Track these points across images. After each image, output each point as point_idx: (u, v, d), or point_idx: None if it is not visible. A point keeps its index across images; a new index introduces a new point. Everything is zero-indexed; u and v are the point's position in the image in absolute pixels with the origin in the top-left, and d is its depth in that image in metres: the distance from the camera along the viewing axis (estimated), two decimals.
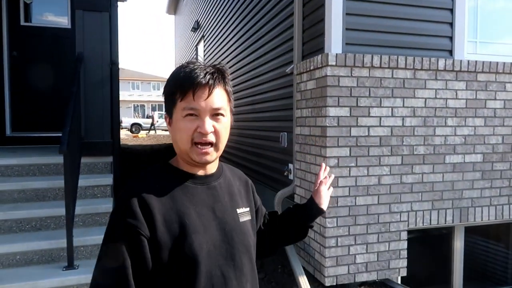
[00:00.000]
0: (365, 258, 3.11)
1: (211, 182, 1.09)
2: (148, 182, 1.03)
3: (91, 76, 4.09)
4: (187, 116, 1.01)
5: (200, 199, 1.04)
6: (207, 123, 1.01)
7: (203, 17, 9.33)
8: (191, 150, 1.02)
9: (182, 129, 1.02)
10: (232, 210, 1.11)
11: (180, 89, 1.01)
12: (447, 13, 3.33)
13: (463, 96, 3.32)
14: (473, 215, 3.38)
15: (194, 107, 1.00)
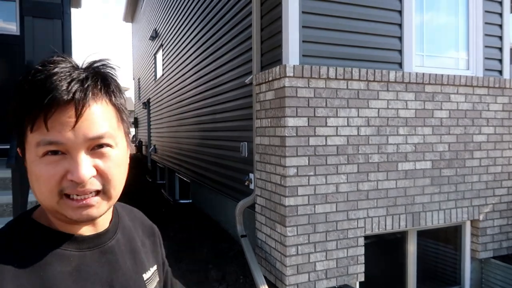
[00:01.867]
0: (324, 265, 3.18)
1: (105, 243, 0.73)
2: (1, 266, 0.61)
3: None
4: (45, 155, 0.63)
5: (89, 274, 0.68)
6: (82, 165, 0.63)
7: (162, 26, 9.23)
8: (60, 206, 0.64)
9: (39, 177, 0.63)
10: (138, 278, 0.77)
11: (27, 112, 0.62)
12: (397, 28, 3.52)
13: (413, 106, 3.51)
14: (424, 220, 3.56)
15: (53, 140, 0.62)
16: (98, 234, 0.73)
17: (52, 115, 0.61)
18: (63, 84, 0.61)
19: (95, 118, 0.65)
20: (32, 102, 0.61)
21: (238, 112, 4.38)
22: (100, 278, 0.69)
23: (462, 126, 3.72)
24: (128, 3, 14.98)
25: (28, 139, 0.64)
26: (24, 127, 0.64)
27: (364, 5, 3.37)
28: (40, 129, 0.62)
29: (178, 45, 7.41)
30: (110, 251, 0.73)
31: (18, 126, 0.65)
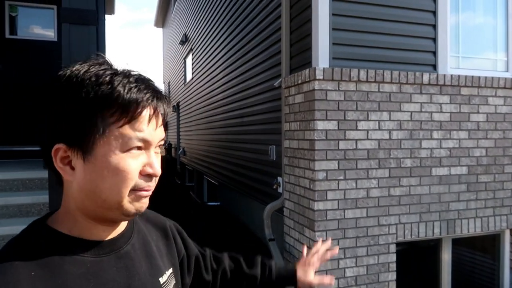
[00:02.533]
0: (354, 272, 3.11)
1: (122, 248, 0.73)
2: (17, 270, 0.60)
3: None
4: (131, 150, 0.65)
5: (107, 279, 0.68)
6: (158, 161, 0.70)
7: (192, 30, 9.38)
8: (127, 200, 0.67)
9: (121, 171, 0.64)
10: (154, 282, 0.77)
11: (124, 107, 0.64)
12: (430, 29, 3.41)
13: (447, 109, 3.39)
14: (460, 227, 3.42)
15: (147, 138, 0.66)
16: (114, 239, 0.73)
17: (154, 114, 0.67)
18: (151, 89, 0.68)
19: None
20: (136, 97, 0.65)
21: (266, 115, 4.38)
22: (118, 283, 0.69)
23: (501, 130, 3.56)
24: (159, 8, 15.34)
25: (111, 131, 0.64)
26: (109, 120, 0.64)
27: (395, 6, 3.30)
28: (136, 123, 0.65)
29: (208, 49, 7.50)
30: (126, 255, 0.73)
31: (94, 117, 0.64)
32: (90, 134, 0.64)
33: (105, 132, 0.64)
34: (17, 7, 5.59)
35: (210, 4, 7.27)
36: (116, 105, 0.64)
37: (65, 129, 0.65)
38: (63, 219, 0.70)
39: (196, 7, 8.69)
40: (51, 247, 0.65)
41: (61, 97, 0.66)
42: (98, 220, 0.70)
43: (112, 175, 0.64)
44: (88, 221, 0.69)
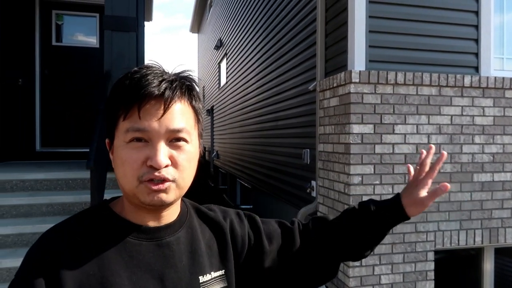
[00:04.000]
0: (390, 279, 3.03)
1: (164, 237, 0.77)
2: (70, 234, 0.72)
3: None
4: (131, 141, 0.71)
5: (142, 262, 0.73)
6: (161, 153, 0.71)
7: (226, 35, 9.51)
8: (138, 189, 0.71)
9: (124, 161, 0.71)
10: (192, 279, 0.78)
11: (124, 103, 0.71)
12: (472, 30, 3.30)
13: (491, 113, 3.25)
14: (504, 236, 3.26)
15: (141, 127, 0.70)
16: (158, 228, 0.77)
17: (144, 106, 0.71)
18: (155, 82, 0.72)
19: (177, 113, 0.73)
20: (129, 94, 0.72)
21: (300, 119, 4.37)
22: (151, 269, 0.74)
23: None
24: (195, 14, 15.67)
25: (119, 127, 0.73)
26: (118, 116, 0.73)
27: (435, 7, 3.21)
28: (131, 117, 0.71)
29: (242, 53, 7.58)
30: (167, 246, 0.77)
31: (111, 116, 0.75)
32: (112, 130, 0.75)
33: (117, 127, 0.74)
34: (63, 15, 5.89)
35: (244, 9, 7.35)
36: (117, 102, 0.74)
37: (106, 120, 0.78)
38: (119, 201, 0.80)
39: (231, 12, 8.81)
40: (102, 223, 0.76)
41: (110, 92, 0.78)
42: (135, 206, 0.76)
43: (121, 164, 0.73)
44: (130, 205, 0.77)
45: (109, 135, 0.77)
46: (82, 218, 0.76)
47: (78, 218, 0.77)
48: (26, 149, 5.44)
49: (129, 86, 0.72)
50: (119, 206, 0.79)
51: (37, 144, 5.58)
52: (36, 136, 5.57)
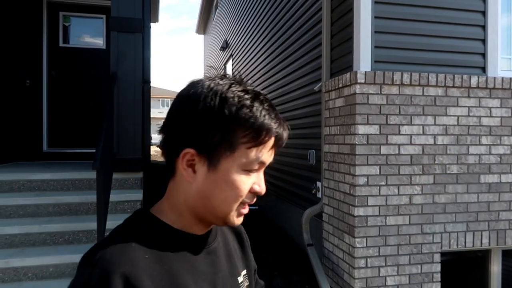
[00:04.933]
0: (396, 281, 3.02)
1: (211, 244, 0.79)
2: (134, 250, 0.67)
3: (124, 95, 4.23)
4: (250, 171, 0.72)
5: (200, 271, 0.73)
6: (263, 181, 0.75)
7: (232, 37, 9.53)
8: (233, 213, 0.73)
9: (236, 186, 0.71)
10: (233, 280, 0.81)
11: (262, 135, 0.70)
12: (479, 30, 3.27)
13: (498, 113, 3.22)
14: (511, 238, 3.23)
15: (265, 162, 0.73)
16: (205, 235, 0.78)
17: (275, 143, 0.73)
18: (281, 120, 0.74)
19: None
20: (272, 127, 0.71)
21: (306, 120, 4.36)
22: (207, 276, 0.74)
23: None
24: (201, 15, 15.72)
25: (240, 151, 0.70)
26: (242, 141, 0.69)
27: (441, 7, 3.19)
28: (259, 148, 0.71)
29: (247, 54, 7.59)
30: (213, 252, 0.78)
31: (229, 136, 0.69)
32: (221, 148, 0.69)
33: (234, 149, 0.69)
34: (70, 17, 5.94)
35: (250, 10, 7.36)
36: (250, 128, 0.69)
37: (200, 137, 0.69)
38: (167, 211, 0.75)
39: (237, 13, 8.83)
40: (158, 235, 0.72)
41: (203, 108, 0.69)
42: (200, 219, 0.75)
43: (229, 189, 0.70)
44: (192, 218, 0.75)
45: (205, 150, 0.70)
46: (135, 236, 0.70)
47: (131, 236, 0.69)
48: (33, 150, 5.49)
49: (269, 124, 0.70)
50: (170, 216, 0.75)
51: (44, 145, 5.62)
52: (43, 137, 5.62)
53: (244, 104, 0.69)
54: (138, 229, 0.71)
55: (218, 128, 0.68)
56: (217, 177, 0.70)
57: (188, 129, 0.70)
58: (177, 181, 0.74)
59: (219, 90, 0.70)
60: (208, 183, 0.71)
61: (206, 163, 0.70)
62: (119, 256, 0.64)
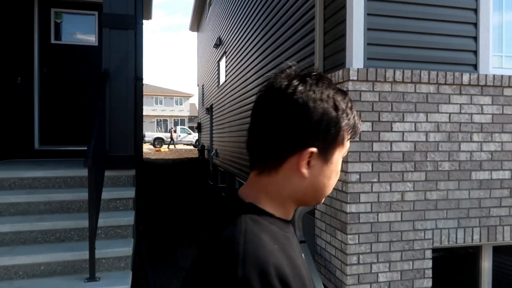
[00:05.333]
0: (388, 277, 3.03)
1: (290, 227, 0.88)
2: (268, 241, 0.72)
3: (116, 92, 4.21)
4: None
5: (298, 254, 0.80)
6: None
7: (225, 34, 9.50)
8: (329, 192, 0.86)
9: (338, 172, 0.85)
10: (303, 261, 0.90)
11: (352, 130, 0.84)
12: (471, 28, 3.29)
13: (489, 111, 3.25)
14: (502, 234, 3.26)
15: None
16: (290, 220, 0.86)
17: None
18: None
19: None
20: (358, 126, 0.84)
21: None
22: (301, 259, 0.80)
23: None
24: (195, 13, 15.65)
25: (342, 146, 0.82)
26: (344, 137, 0.81)
27: (433, 5, 3.20)
28: (348, 141, 0.83)
29: (241, 51, 7.57)
30: (293, 234, 0.85)
31: (339, 134, 0.80)
32: (335, 144, 0.81)
33: (343, 144, 0.82)
34: (62, 14, 5.88)
35: (243, 8, 7.34)
36: (351, 124, 0.82)
37: (321, 138, 0.78)
38: (271, 204, 0.81)
39: (230, 11, 8.80)
40: (273, 226, 0.77)
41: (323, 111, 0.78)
42: (299, 205, 0.85)
43: (335, 176, 0.83)
44: (293, 206, 0.84)
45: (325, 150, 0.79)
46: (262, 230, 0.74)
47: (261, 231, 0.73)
48: (25, 147, 5.44)
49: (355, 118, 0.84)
50: (272, 207, 0.80)
51: (36, 142, 5.57)
52: (35, 134, 5.57)
53: (348, 104, 0.82)
54: (261, 224, 0.75)
55: (335, 127, 0.79)
56: (330, 169, 0.81)
57: (310, 131, 0.77)
58: (281, 176, 0.80)
59: (328, 93, 0.80)
60: (322, 176, 0.80)
61: (321, 158, 0.79)
62: (263, 249, 0.69)
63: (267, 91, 0.81)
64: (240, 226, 0.72)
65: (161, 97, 46.99)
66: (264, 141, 0.80)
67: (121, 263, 3.31)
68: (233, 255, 0.67)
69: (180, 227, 6.04)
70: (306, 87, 0.78)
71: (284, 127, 0.77)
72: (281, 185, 0.80)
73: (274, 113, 0.78)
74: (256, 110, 0.83)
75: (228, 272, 0.65)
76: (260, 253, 0.67)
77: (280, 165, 0.79)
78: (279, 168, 0.79)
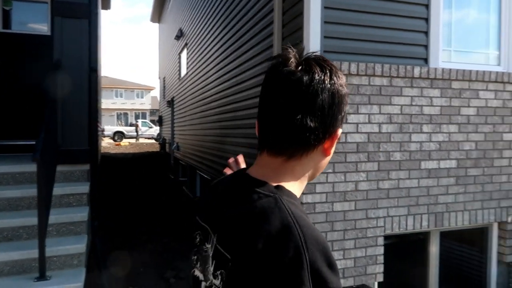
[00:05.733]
0: (342, 264, 3.12)
1: None
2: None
3: (69, 83, 4.04)
4: None
5: None
6: None
7: (187, 25, 9.34)
8: None
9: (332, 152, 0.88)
10: None
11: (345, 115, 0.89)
12: (422, 23, 3.41)
13: (438, 103, 3.39)
14: (448, 220, 3.44)
15: None
16: None
17: None
18: None
19: None
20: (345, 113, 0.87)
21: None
22: None
23: (491, 124, 3.58)
24: (156, 3, 15.26)
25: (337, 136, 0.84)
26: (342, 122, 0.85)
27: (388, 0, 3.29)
28: None
29: (202, 43, 7.47)
30: None
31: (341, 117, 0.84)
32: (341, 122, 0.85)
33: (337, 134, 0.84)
34: (11, 1, 5.55)
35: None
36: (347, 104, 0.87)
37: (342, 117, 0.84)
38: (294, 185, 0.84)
39: (192, 1, 8.65)
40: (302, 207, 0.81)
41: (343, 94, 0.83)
42: None
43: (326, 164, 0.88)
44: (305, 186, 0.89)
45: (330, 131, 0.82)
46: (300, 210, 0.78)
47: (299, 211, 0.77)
48: None
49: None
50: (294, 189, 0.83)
51: None
52: None
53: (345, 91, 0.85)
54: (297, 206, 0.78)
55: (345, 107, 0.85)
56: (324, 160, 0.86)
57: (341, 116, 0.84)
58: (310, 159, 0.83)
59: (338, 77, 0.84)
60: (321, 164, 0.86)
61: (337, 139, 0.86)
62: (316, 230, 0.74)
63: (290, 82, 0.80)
64: (286, 211, 0.73)
65: (121, 90, 45.60)
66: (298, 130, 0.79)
67: (74, 261, 3.20)
68: (294, 240, 0.68)
69: (139, 221, 5.92)
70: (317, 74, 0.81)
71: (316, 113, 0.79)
72: (306, 165, 0.84)
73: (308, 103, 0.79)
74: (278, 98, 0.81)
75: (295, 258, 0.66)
76: (316, 234, 0.72)
77: (315, 149, 0.82)
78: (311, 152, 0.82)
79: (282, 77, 0.80)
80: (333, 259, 0.71)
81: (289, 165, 0.82)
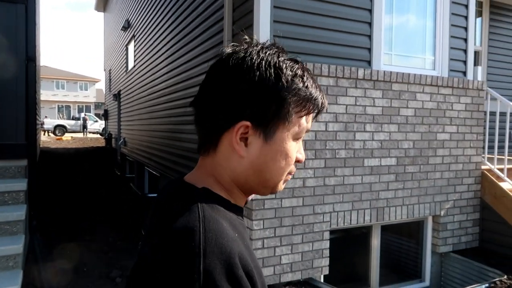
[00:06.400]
0: (290, 259, 3.21)
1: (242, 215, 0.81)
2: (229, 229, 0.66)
3: (3, 73, 3.76)
4: (298, 139, 0.74)
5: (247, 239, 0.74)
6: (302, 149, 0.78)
7: (134, 16, 9.02)
8: (281, 183, 0.76)
9: (289, 155, 0.72)
10: None
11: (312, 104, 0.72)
12: (366, 27, 3.57)
13: (380, 103, 3.58)
14: (388, 215, 3.65)
15: (310, 129, 0.76)
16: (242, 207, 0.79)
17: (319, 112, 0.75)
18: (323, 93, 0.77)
19: None
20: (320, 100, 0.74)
21: None
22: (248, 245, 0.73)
23: (427, 124, 3.83)
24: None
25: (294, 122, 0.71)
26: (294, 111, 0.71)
27: (335, 3, 3.41)
28: (308, 119, 0.73)
29: (151, 36, 7.26)
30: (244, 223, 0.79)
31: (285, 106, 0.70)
32: (277, 119, 0.69)
33: (289, 119, 0.70)
34: None
35: None
36: (304, 98, 0.71)
37: (257, 109, 0.68)
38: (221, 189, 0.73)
39: None
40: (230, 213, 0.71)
41: (260, 79, 0.68)
42: (247, 192, 0.76)
43: (282, 159, 0.71)
44: (239, 193, 0.75)
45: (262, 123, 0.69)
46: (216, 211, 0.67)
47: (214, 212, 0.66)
48: None
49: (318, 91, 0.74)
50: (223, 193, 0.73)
51: None
52: None
53: (297, 73, 0.71)
54: (219, 210, 0.68)
55: (275, 99, 0.69)
56: (272, 148, 0.70)
57: (243, 102, 0.68)
58: (221, 156, 0.72)
59: (272, 60, 0.70)
60: (263, 155, 0.70)
61: (261, 135, 0.70)
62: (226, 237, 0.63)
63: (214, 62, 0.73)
64: (197, 213, 0.64)
65: (63, 81, 43.08)
66: (203, 116, 0.72)
67: (10, 262, 2.99)
68: (191, 245, 0.59)
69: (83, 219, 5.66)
70: (247, 53, 0.70)
71: (217, 97, 0.69)
72: (223, 167, 0.72)
73: (211, 83, 0.72)
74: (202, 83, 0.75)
75: (186, 264, 0.58)
76: (223, 241, 0.61)
77: (217, 142, 0.71)
78: (216, 146, 0.71)
79: None
80: (238, 273, 0.60)
81: (207, 164, 0.74)
